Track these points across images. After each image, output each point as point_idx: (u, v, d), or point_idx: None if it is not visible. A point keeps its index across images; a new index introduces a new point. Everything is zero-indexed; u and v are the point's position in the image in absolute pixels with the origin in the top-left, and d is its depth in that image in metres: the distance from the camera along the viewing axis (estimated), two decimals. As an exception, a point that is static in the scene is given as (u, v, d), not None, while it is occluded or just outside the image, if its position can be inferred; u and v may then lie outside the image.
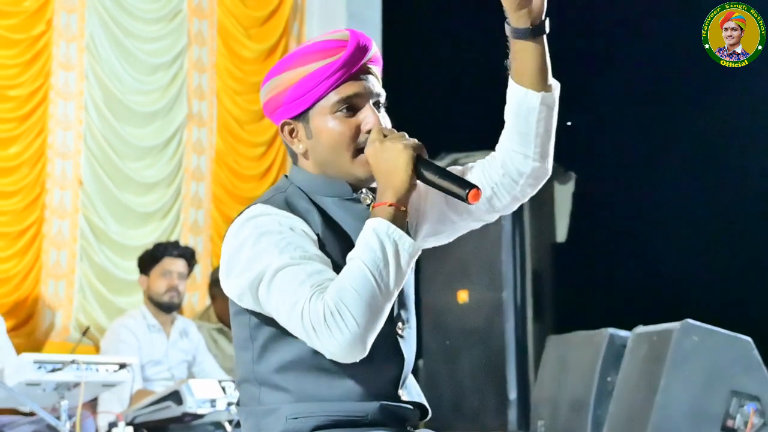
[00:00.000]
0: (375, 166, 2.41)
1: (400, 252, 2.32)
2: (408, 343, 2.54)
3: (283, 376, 2.43)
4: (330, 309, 2.25)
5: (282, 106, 2.52)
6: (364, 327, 2.26)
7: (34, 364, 4.89)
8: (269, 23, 8.17)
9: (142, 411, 5.37)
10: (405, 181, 2.37)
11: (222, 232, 7.60)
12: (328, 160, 2.50)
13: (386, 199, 2.37)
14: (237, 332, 2.51)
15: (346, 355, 2.29)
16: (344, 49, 2.45)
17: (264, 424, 2.45)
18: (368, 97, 2.48)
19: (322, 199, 2.51)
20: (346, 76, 2.45)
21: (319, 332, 2.26)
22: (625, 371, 5.36)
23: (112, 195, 7.14)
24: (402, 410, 2.49)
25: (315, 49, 2.47)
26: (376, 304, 2.28)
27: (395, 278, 2.31)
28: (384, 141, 2.41)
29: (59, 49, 6.97)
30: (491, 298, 7.51)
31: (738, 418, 4.78)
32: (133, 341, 6.16)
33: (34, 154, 6.75)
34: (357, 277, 2.27)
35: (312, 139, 2.50)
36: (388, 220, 2.33)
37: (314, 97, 2.46)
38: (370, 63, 2.50)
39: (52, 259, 6.82)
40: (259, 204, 2.46)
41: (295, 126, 2.52)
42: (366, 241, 2.32)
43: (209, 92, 7.81)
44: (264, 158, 8.02)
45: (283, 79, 2.50)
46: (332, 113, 2.46)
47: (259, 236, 2.38)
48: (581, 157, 8.04)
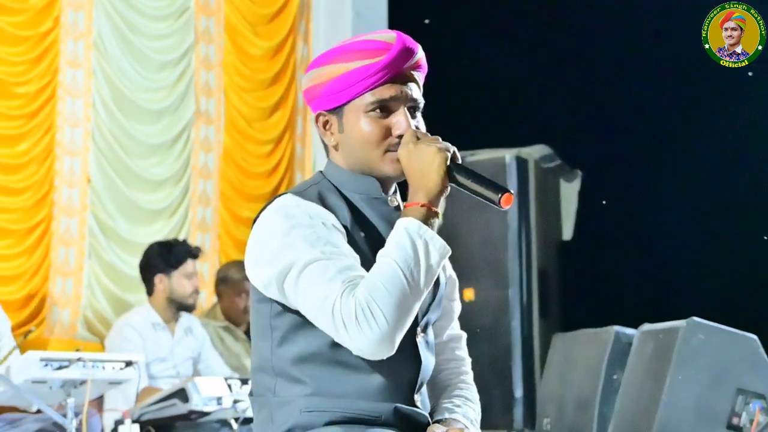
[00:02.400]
0: (408, 167, 2.44)
1: (430, 252, 2.35)
2: (429, 348, 2.56)
3: (300, 368, 2.44)
4: (361, 306, 2.28)
5: (319, 98, 2.54)
6: (393, 325, 2.29)
7: (40, 362, 4.89)
8: (276, 20, 8.18)
9: (149, 408, 5.39)
10: (438, 183, 2.40)
11: (230, 229, 7.62)
12: (356, 156, 2.53)
13: (418, 200, 2.40)
14: (257, 321, 2.53)
15: (374, 352, 2.31)
16: (387, 52, 2.47)
17: (278, 416, 2.46)
18: (404, 102, 2.51)
19: (352, 195, 2.54)
20: (384, 79, 2.48)
21: (349, 328, 2.29)
22: (631, 369, 5.36)
23: (121, 192, 7.15)
24: (416, 415, 2.50)
25: (359, 47, 2.50)
26: (406, 303, 2.31)
27: (425, 277, 2.34)
28: (418, 143, 2.44)
29: (67, 47, 6.98)
30: (497, 296, 7.51)
31: (744, 416, 4.78)
32: (138, 339, 6.17)
33: (42, 152, 6.77)
34: (388, 275, 2.30)
35: (343, 134, 2.53)
36: (420, 220, 2.36)
37: (351, 94, 2.49)
38: (412, 69, 2.53)
39: (61, 257, 6.83)
40: (290, 194, 2.49)
41: (329, 118, 2.55)
42: (398, 240, 2.34)
43: (217, 89, 7.82)
44: (272, 155, 8.03)
45: (324, 72, 2.52)
46: (365, 112, 2.49)
47: (290, 228, 2.40)
48: (587, 155, 8.05)
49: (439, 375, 2.69)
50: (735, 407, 4.80)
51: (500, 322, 7.48)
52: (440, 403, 2.64)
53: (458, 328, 2.79)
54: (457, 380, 2.71)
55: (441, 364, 2.69)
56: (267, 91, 8.08)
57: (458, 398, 2.65)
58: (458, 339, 2.77)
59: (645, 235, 7.91)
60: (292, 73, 8.19)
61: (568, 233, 8.16)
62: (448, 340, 2.74)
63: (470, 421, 2.59)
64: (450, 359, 2.73)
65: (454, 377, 2.71)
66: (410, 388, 2.51)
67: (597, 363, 5.68)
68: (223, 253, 7.62)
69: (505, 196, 2.39)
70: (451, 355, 2.74)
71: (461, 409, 2.61)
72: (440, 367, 2.68)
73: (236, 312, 6.79)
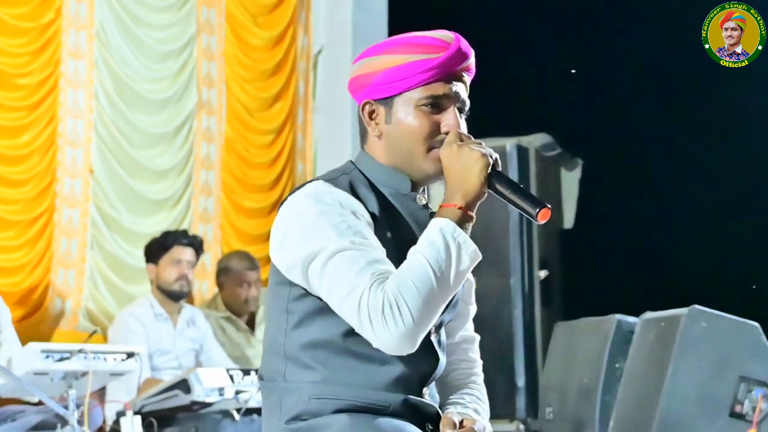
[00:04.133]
0: (448, 168, 2.43)
1: (462, 256, 2.35)
2: (441, 347, 2.56)
3: (311, 354, 2.44)
4: (389, 300, 2.27)
5: (369, 86, 2.52)
6: (418, 322, 2.28)
7: (41, 354, 4.89)
8: (277, 11, 8.17)
9: (150, 400, 5.39)
10: (477, 188, 2.40)
11: (232, 220, 7.62)
12: (400, 148, 2.52)
13: (455, 202, 2.39)
14: (273, 303, 2.51)
15: (396, 348, 2.31)
16: (445, 50, 2.48)
17: (286, 401, 2.46)
18: (454, 101, 2.52)
19: (382, 188, 2.53)
20: (439, 76, 2.48)
21: (374, 322, 2.28)
22: (633, 357, 5.37)
23: (123, 183, 7.15)
24: (425, 407, 2.51)
25: (419, 42, 2.50)
26: (434, 302, 2.30)
27: (455, 279, 2.33)
28: (462, 145, 2.43)
29: (69, 37, 6.97)
30: (499, 285, 7.52)
31: (746, 404, 4.79)
32: (141, 330, 6.18)
33: (44, 143, 6.77)
34: (418, 273, 2.29)
35: (391, 125, 2.52)
36: (455, 223, 2.36)
37: (405, 86, 2.48)
38: (464, 71, 2.55)
39: (63, 248, 6.83)
40: (322, 181, 2.47)
41: (376, 108, 2.54)
42: (431, 240, 2.34)
43: (218, 80, 7.82)
44: (273, 145, 8.03)
45: (379, 61, 2.51)
46: (417, 106, 2.49)
47: (320, 213, 2.39)
48: (588, 143, 8.05)
49: (449, 375, 2.69)
50: (738, 395, 4.81)
51: (502, 311, 7.48)
52: (450, 400, 2.64)
53: (472, 330, 2.79)
54: (468, 380, 2.71)
55: (452, 364, 2.69)
56: (268, 82, 8.09)
57: (468, 396, 2.65)
58: (471, 341, 2.77)
59: (646, 224, 7.92)
60: (293, 63, 8.18)
61: (569, 222, 8.17)
62: (461, 341, 2.74)
63: (480, 417, 2.60)
64: (462, 360, 2.73)
65: (465, 378, 2.71)
66: (420, 383, 2.51)
67: (599, 351, 5.69)
68: (225, 243, 7.62)
69: (543, 211, 2.40)
70: (463, 356, 2.74)
71: (471, 405, 2.62)
72: (451, 367, 2.68)
73: (238, 302, 6.79)
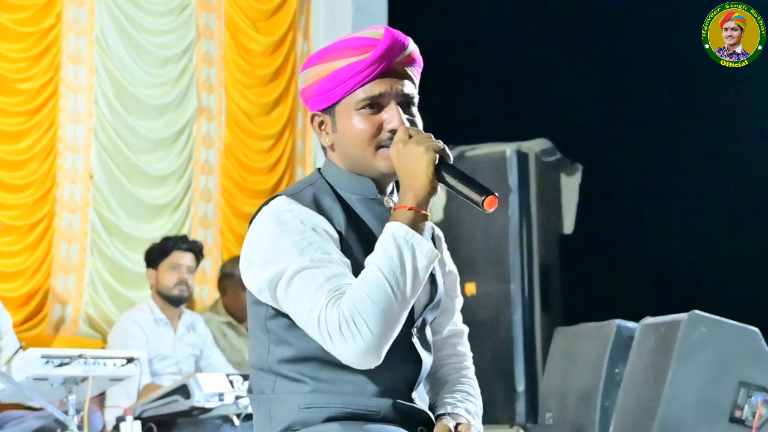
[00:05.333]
0: (398, 167, 2.41)
1: (417, 257, 2.31)
2: (426, 347, 2.55)
3: (298, 368, 2.44)
4: (345, 317, 2.26)
5: (312, 98, 2.53)
6: (378, 336, 2.27)
7: (41, 359, 4.88)
8: (276, 16, 8.18)
9: (150, 405, 5.38)
10: (425, 184, 2.36)
11: (232, 225, 7.63)
12: (351, 154, 2.51)
13: (406, 203, 2.37)
14: (252, 322, 2.52)
15: (360, 363, 2.30)
16: (375, 48, 2.45)
17: (276, 412, 2.46)
18: (395, 97, 2.48)
19: (348, 195, 2.52)
20: (373, 75, 2.45)
21: (334, 339, 2.28)
22: (633, 363, 5.36)
23: (123, 188, 7.15)
24: (415, 411, 2.50)
25: (347, 45, 2.48)
26: (392, 313, 2.28)
27: (412, 285, 2.31)
28: (408, 142, 2.40)
29: (69, 43, 6.98)
30: (499, 290, 7.53)
31: (746, 409, 4.78)
32: (141, 335, 6.17)
33: (44, 148, 6.77)
34: (372, 286, 2.28)
35: (337, 133, 2.52)
36: (407, 225, 2.33)
37: (341, 93, 2.47)
38: (403, 63, 2.50)
39: (63, 253, 6.83)
40: (284, 197, 2.47)
41: (323, 118, 2.54)
42: (384, 247, 2.32)
43: (218, 85, 7.82)
44: (273, 151, 8.04)
45: (315, 72, 2.51)
46: (356, 110, 2.47)
47: (280, 233, 2.38)
48: (588, 148, 8.05)
49: (440, 370, 2.68)
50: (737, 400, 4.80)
51: (502, 317, 7.49)
52: (442, 397, 2.63)
53: (460, 324, 2.77)
54: (458, 375, 2.70)
55: (442, 359, 2.69)
56: (267, 87, 8.09)
57: (459, 393, 2.64)
58: (459, 335, 2.76)
59: (646, 229, 7.92)
60: (292, 68, 8.19)
61: (569, 227, 8.17)
62: (449, 336, 2.73)
63: (472, 416, 2.59)
64: (451, 354, 2.73)
65: (455, 372, 2.70)
66: (408, 387, 2.51)
67: (599, 357, 5.69)
68: (224, 248, 7.62)
69: (489, 199, 2.34)
70: (453, 351, 2.73)
71: (463, 404, 2.60)
72: (441, 362, 2.68)
73: (241, 307, 6.77)
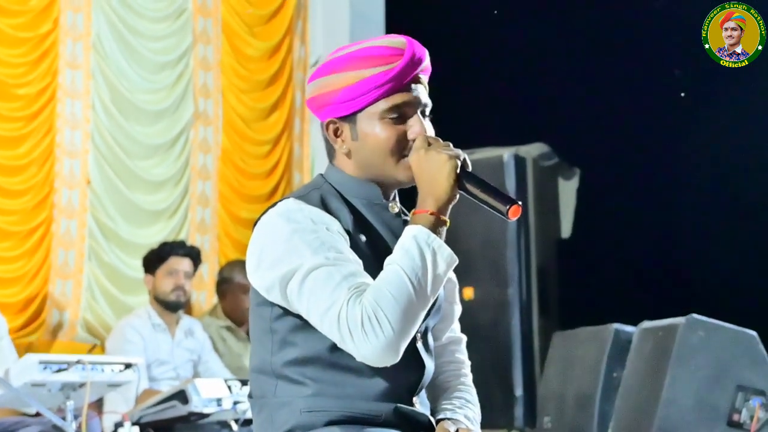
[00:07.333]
0: (418, 173, 2.43)
1: (438, 261, 2.33)
2: (428, 352, 2.56)
3: (300, 370, 2.44)
4: (368, 313, 2.27)
5: (330, 105, 2.51)
6: (399, 333, 2.28)
7: (39, 365, 4.86)
8: (273, 21, 8.18)
9: (148, 411, 5.38)
10: (447, 191, 2.39)
11: (229, 230, 7.63)
12: (371, 163, 2.51)
13: (427, 207, 2.39)
14: (256, 324, 2.52)
15: (379, 360, 2.31)
16: (400, 58, 2.47)
17: (278, 416, 2.46)
18: (417, 107, 2.50)
19: (353, 199, 2.53)
20: (398, 86, 2.47)
21: (355, 336, 2.28)
22: (631, 366, 5.37)
23: (121, 194, 7.15)
24: (417, 415, 2.51)
25: (371, 54, 2.48)
26: (413, 311, 2.30)
27: (432, 287, 2.33)
28: (429, 150, 2.42)
29: (66, 48, 6.98)
30: (497, 295, 7.52)
31: (744, 413, 4.79)
32: (139, 341, 6.17)
33: (42, 154, 6.77)
34: (395, 283, 2.29)
35: (357, 141, 2.51)
36: (428, 229, 2.35)
37: (365, 101, 2.47)
38: (421, 73, 2.53)
39: (60, 259, 6.82)
40: (292, 199, 2.47)
41: (340, 126, 2.53)
42: (406, 248, 2.33)
43: (215, 90, 7.82)
44: (270, 156, 8.03)
45: (336, 80, 2.50)
46: (381, 119, 2.48)
47: (292, 232, 2.39)
48: (585, 152, 8.05)
49: (438, 377, 2.69)
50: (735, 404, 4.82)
51: (500, 321, 7.48)
52: (440, 404, 2.64)
53: (458, 331, 2.79)
54: (457, 382, 2.71)
55: (440, 366, 2.69)
56: (264, 92, 8.09)
57: (458, 399, 2.66)
58: (458, 342, 2.77)
59: (644, 233, 7.92)
60: (289, 73, 8.19)
61: (566, 231, 8.17)
62: (448, 343, 2.74)
63: (471, 422, 2.60)
64: (449, 362, 2.73)
65: (454, 379, 2.71)
66: (410, 392, 2.51)
67: (597, 361, 5.69)
68: (222, 254, 7.62)
69: (513, 208, 2.38)
70: (451, 358, 2.74)
71: (462, 411, 2.61)
72: (440, 369, 2.68)
73: (240, 312, 6.77)
